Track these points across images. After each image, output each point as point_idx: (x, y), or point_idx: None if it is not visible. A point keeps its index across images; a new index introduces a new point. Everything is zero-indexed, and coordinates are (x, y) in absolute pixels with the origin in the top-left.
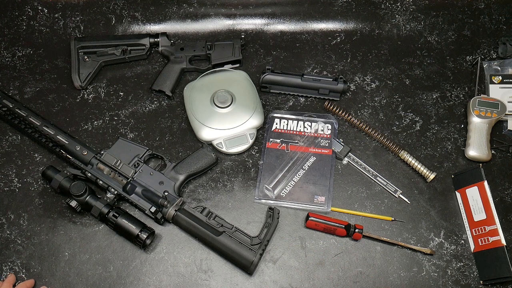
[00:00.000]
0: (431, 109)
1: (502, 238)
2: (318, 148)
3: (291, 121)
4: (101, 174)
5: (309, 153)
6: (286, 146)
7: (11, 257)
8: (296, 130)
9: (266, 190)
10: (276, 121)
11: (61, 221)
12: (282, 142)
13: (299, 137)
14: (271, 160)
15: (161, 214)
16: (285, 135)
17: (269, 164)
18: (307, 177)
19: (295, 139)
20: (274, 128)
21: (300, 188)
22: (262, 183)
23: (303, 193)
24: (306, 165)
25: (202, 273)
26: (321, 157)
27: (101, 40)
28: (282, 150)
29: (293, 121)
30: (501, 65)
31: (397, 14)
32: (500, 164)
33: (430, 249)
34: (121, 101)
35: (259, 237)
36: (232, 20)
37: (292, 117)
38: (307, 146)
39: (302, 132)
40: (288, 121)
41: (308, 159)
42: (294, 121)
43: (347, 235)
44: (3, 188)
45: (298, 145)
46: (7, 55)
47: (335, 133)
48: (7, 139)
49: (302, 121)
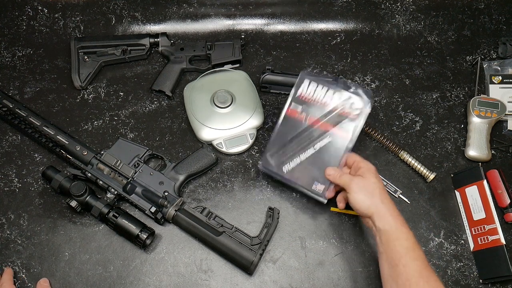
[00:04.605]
0: (431, 109)
1: (501, 237)
2: (339, 129)
3: (320, 86)
4: (101, 174)
5: (326, 132)
6: (305, 116)
7: (11, 257)
8: (323, 100)
9: (269, 159)
10: (305, 83)
11: (61, 221)
12: (303, 111)
13: (322, 109)
14: (286, 129)
15: (161, 214)
16: (308, 103)
17: (282, 133)
18: (314, 159)
19: (317, 110)
20: (300, 92)
21: (304, 168)
22: (268, 151)
23: (305, 175)
24: (318, 145)
25: (202, 273)
26: (337, 139)
27: (101, 40)
28: (299, 121)
29: (322, 87)
30: (501, 65)
31: (397, 14)
32: (500, 164)
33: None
34: (121, 101)
35: (259, 237)
36: (232, 20)
37: (324, 82)
38: (327, 123)
39: (327, 105)
40: (317, 86)
41: (322, 138)
42: (324, 87)
43: None
44: (3, 188)
45: (318, 118)
46: (7, 55)
47: (364, 115)
48: (7, 139)
49: (332, 90)
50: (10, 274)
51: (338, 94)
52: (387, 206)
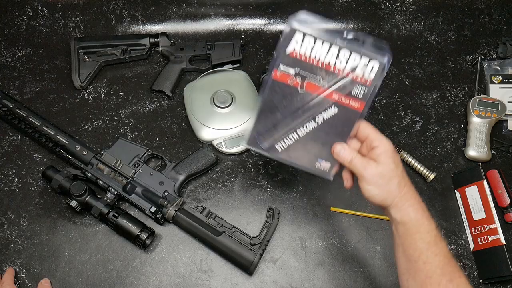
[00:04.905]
0: (431, 109)
1: (501, 237)
2: (347, 96)
3: (320, 41)
4: (101, 174)
5: (331, 102)
6: (301, 82)
7: (11, 257)
8: (324, 60)
9: (258, 136)
10: (297, 38)
11: (61, 221)
12: (298, 75)
13: (324, 72)
14: (276, 98)
15: (161, 214)
16: (304, 64)
17: (270, 103)
18: (316, 134)
19: (317, 74)
20: (292, 49)
21: (303, 145)
22: (256, 128)
23: (305, 153)
24: (320, 117)
25: (202, 273)
26: (346, 111)
27: (101, 40)
28: (294, 88)
29: (323, 42)
30: (501, 65)
31: (397, 14)
32: (500, 164)
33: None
34: (121, 101)
35: (259, 237)
36: (232, 20)
37: (325, 35)
38: (331, 90)
39: (331, 67)
40: (316, 41)
41: (326, 109)
42: (326, 43)
43: None
44: (3, 188)
45: (320, 85)
46: (7, 55)
47: (380, 79)
48: (7, 139)
49: (337, 47)
50: (12, 274)
51: (345, 52)
52: (406, 196)
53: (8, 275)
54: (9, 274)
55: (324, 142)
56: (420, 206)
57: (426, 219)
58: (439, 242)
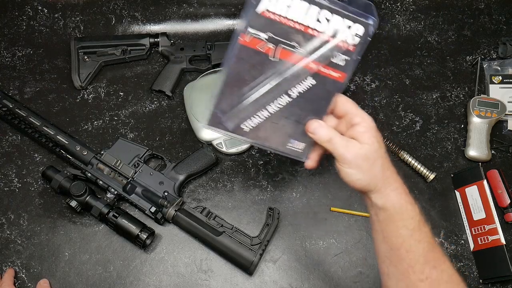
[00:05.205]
0: (431, 109)
1: (501, 237)
2: (327, 66)
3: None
4: (101, 174)
5: (308, 71)
6: (274, 49)
7: (11, 257)
8: (302, 22)
9: (221, 115)
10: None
11: (61, 221)
12: (270, 40)
13: (301, 36)
14: (243, 68)
15: (161, 214)
16: (279, 27)
17: (236, 75)
18: (290, 110)
19: (293, 38)
20: (264, 8)
21: (275, 124)
22: (219, 105)
23: (276, 133)
24: (295, 91)
25: (202, 273)
26: (325, 83)
27: (101, 40)
28: (264, 55)
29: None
30: (501, 65)
31: (397, 14)
32: (500, 164)
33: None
34: (121, 101)
35: (259, 237)
36: (232, 20)
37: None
38: (309, 58)
39: (310, 30)
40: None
41: (302, 80)
42: (304, 1)
43: None
44: (3, 188)
45: (295, 51)
46: (7, 55)
47: (364, 45)
48: (7, 139)
49: (317, 7)
50: (11, 275)
51: (326, 13)
52: (390, 179)
53: (7, 276)
54: (9, 274)
55: (298, 119)
56: (403, 190)
57: (410, 204)
58: (423, 227)
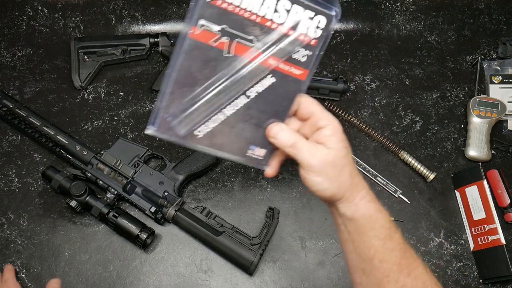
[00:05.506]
0: (431, 109)
1: (501, 237)
2: (287, 62)
3: None
4: (101, 174)
5: (267, 68)
6: (228, 43)
7: (11, 257)
8: (258, 12)
9: (170, 119)
10: None
11: (61, 221)
12: (224, 33)
13: (258, 29)
14: (194, 65)
15: (161, 214)
16: (233, 18)
17: (187, 73)
18: (248, 113)
19: (249, 31)
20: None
21: (231, 128)
22: (167, 107)
23: (233, 138)
24: (253, 91)
25: (202, 273)
26: (285, 81)
27: (101, 40)
28: (218, 50)
29: None
30: (501, 65)
31: (397, 14)
32: (500, 164)
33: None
34: (121, 101)
35: (259, 237)
36: None
37: None
38: (268, 53)
39: (268, 21)
40: None
41: (260, 78)
42: None
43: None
44: (3, 188)
45: (252, 46)
46: (7, 55)
47: (326, 39)
48: (7, 139)
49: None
50: (12, 272)
51: (285, 2)
52: (358, 187)
53: (9, 273)
54: (10, 272)
55: (258, 122)
56: (371, 198)
57: (379, 212)
58: (394, 234)
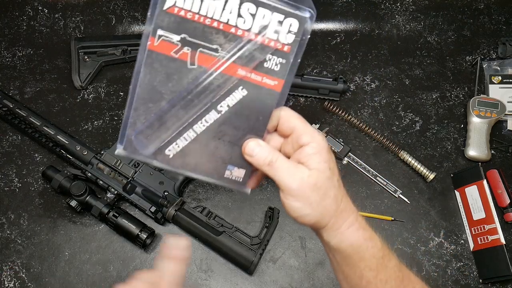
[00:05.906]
0: (431, 109)
1: (501, 237)
2: (259, 72)
3: None
4: (101, 174)
5: (236, 79)
6: (191, 54)
7: (11, 257)
8: (220, 19)
9: (137, 140)
10: None
11: (61, 221)
12: (185, 43)
13: (222, 36)
14: (157, 79)
15: (161, 214)
16: (193, 26)
17: (150, 87)
18: (221, 128)
19: (213, 40)
20: (172, 3)
21: (204, 147)
22: (133, 124)
23: (208, 158)
24: (224, 104)
25: (202, 273)
26: (259, 92)
27: (101, 40)
28: (181, 62)
29: None
30: (501, 65)
31: (397, 14)
32: (500, 164)
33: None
34: (121, 101)
35: (259, 237)
36: None
37: None
38: (237, 63)
39: (232, 28)
40: None
41: (231, 91)
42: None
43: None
44: (3, 188)
45: (217, 56)
46: (7, 55)
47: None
48: (7, 139)
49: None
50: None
51: (250, 6)
52: (344, 214)
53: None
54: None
55: (233, 140)
56: (360, 224)
57: (370, 240)
58: (388, 262)
